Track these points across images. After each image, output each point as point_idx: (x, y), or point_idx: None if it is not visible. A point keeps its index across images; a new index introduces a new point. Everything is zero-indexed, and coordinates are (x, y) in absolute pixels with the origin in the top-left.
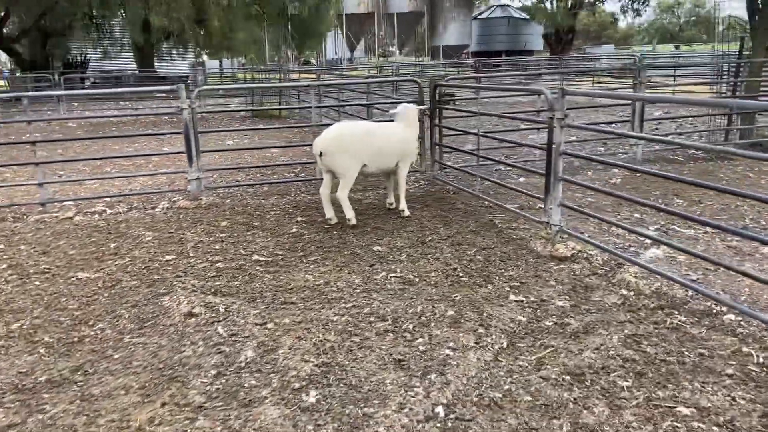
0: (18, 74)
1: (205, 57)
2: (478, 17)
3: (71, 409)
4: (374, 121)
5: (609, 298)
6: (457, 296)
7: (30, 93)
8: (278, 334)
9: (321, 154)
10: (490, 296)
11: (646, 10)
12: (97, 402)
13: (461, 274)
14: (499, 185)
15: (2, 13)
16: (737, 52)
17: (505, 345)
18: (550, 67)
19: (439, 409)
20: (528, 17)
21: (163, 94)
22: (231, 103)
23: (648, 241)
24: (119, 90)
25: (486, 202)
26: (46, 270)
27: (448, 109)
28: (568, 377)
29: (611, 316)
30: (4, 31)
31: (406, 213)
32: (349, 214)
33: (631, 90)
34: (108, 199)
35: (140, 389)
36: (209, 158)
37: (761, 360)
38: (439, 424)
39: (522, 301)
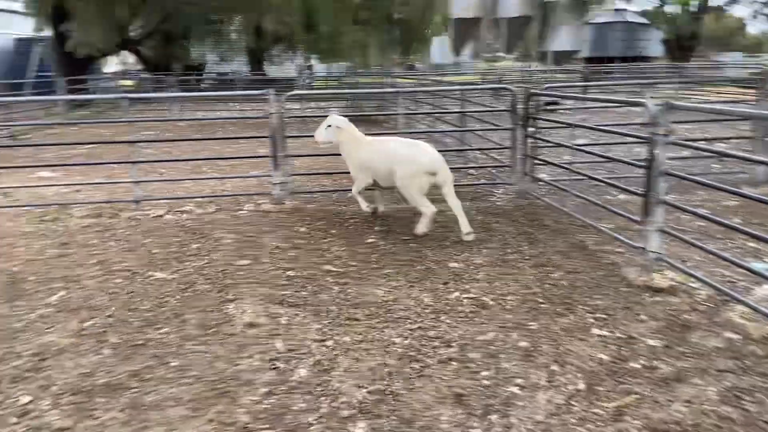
0: (141, 75)
1: (313, 60)
2: (592, 22)
3: (120, 417)
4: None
5: (709, 341)
6: (533, 325)
7: (129, 95)
8: (336, 353)
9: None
10: (570, 328)
11: None
12: (146, 412)
13: (541, 300)
14: (593, 203)
15: (129, 17)
16: None
17: (581, 387)
18: (668, 74)
19: None
20: (647, 22)
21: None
22: (332, 107)
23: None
24: (214, 93)
25: (578, 221)
26: (128, 268)
27: (542, 119)
28: None
29: (710, 362)
30: (131, 34)
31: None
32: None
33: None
34: (199, 199)
35: (190, 401)
36: (302, 161)
37: None
38: None
39: (606, 336)
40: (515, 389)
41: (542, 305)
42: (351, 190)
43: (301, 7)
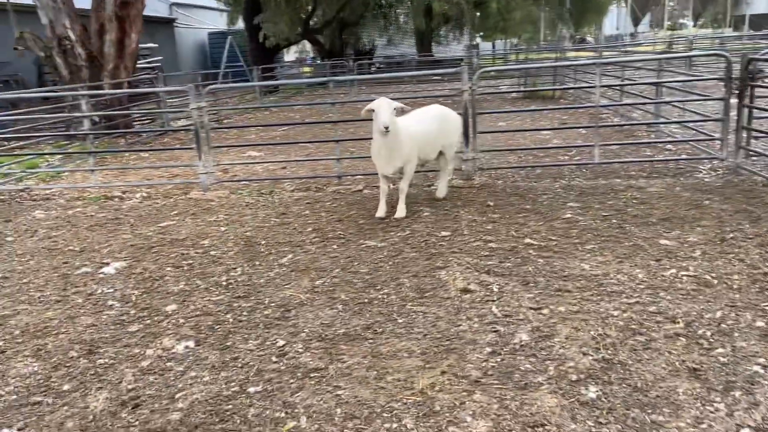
0: (317, 62)
1: (478, 39)
2: None
3: (364, 362)
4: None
5: None
6: (767, 305)
7: (335, 78)
8: (553, 321)
9: None
10: None
11: None
12: (384, 360)
13: None
14: None
15: (310, 8)
16: None
17: None
18: None
19: None
20: None
21: (438, 77)
22: (502, 84)
23: None
24: (403, 74)
25: None
26: (341, 236)
27: (761, 87)
28: None
29: None
30: (311, 23)
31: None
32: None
33: None
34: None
35: (421, 354)
36: (481, 139)
37: None
38: None
39: None
40: (757, 368)
41: None
42: (536, 166)
43: None
